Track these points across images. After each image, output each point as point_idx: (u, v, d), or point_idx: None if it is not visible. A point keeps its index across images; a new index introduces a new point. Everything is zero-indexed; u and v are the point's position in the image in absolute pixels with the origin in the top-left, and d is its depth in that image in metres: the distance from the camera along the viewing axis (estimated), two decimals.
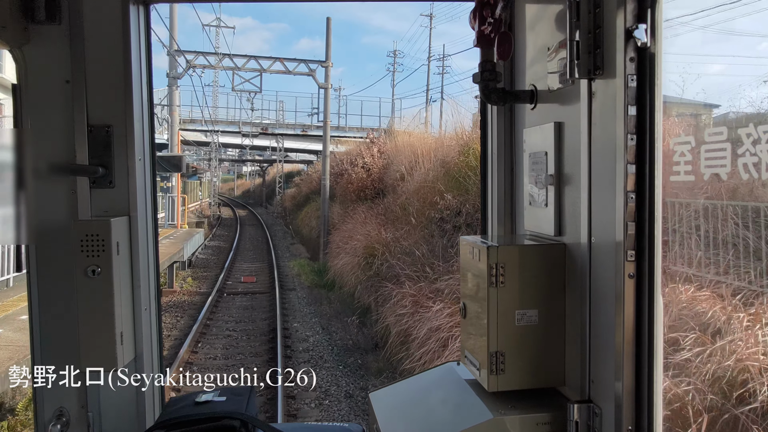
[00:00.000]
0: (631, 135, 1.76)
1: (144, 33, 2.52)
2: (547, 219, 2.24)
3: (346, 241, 20.32)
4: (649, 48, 1.73)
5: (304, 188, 45.09)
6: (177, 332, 14.93)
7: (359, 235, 19.31)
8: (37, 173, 2.38)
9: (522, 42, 2.49)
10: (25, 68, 2.37)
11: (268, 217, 54.54)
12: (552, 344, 2.12)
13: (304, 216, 37.49)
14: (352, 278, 17.47)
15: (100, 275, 2.31)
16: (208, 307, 17.20)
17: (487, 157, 2.75)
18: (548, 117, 2.25)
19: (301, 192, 45.64)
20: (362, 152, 27.73)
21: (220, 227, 44.45)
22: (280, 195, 56.41)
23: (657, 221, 1.76)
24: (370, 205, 22.97)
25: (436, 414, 2.38)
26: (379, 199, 22.93)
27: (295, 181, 54.02)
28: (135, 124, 2.44)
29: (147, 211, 2.53)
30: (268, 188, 69.60)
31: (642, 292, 1.78)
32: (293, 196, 49.01)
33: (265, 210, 63.72)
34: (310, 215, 35.70)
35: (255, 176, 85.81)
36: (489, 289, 2.08)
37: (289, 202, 49.60)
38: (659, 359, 1.77)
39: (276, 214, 53.94)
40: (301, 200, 43.31)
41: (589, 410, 1.95)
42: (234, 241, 34.82)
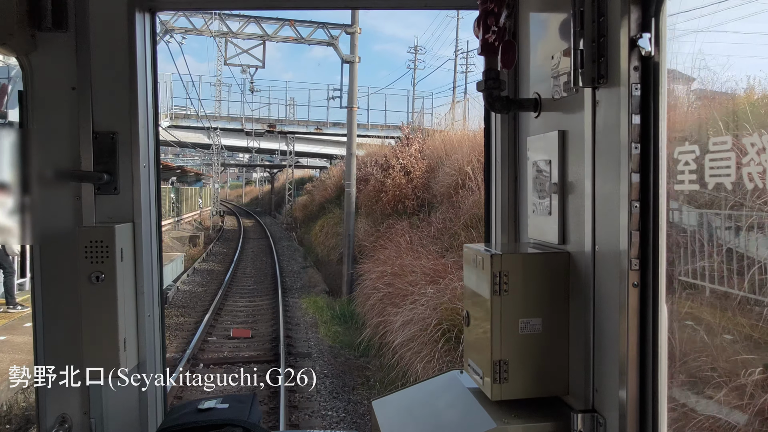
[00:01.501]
0: (635, 143, 1.75)
1: (150, 40, 2.53)
2: (550, 227, 2.24)
3: (390, 281, 13.40)
4: (653, 57, 1.74)
5: (317, 196, 39.43)
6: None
7: (417, 275, 12.24)
8: (43, 179, 2.39)
9: (526, 50, 2.49)
10: (31, 75, 2.39)
11: (275, 228, 47.77)
12: (556, 353, 2.11)
13: (318, 231, 30.96)
14: (418, 361, 9.91)
15: (103, 281, 2.32)
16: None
17: (491, 165, 2.75)
18: (552, 125, 2.25)
19: (314, 200, 40.14)
20: (396, 152, 21.99)
21: (219, 242, 37.87)
22: (290, 204, 50.42)
23: (662, 230, 1.75)
24: (415, 222, 17.04)
25: (438, 422, 2.36)
26: (425, 212, 17.23)
27: (307, 188, 48.81)
28: (140, 131, 2.45)
29: (151, 217, 2.54)
30: (277, 195, 64.72)
31: (646, 301, 1.77)
32: (305, 205, 43.37)
33: (273, 220, 57.68)
34: (326, 231, 29.04)
35: (264, 183, 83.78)
36: (492, 297, 2.07)
37: (300, 211, 43.75)
38: (664, 368, 1.76)
39: (285, 224, 47.41)
40: (314, 210, 37.61)
41: (593, 420, 1.94)
42: (232, 261, 28.25)
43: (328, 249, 26.24)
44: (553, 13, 2.26)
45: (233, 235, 42.04)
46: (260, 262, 29.40)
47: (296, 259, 30.51)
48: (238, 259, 29.62)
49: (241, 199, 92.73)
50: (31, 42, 2.35)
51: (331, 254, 25.07)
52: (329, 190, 36.23)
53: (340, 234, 23.91)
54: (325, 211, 32.19)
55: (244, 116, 42.72)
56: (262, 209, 71.83)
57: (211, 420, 2.23)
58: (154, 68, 2.58)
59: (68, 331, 2.42)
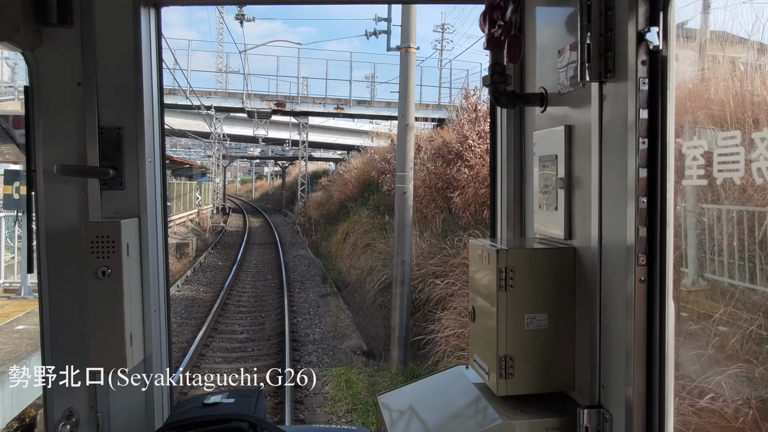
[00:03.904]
0: (642, 138, 1.74)
1: (155, 35, 2.54)
2: (556, 222, 2.23)
3: None
4: (661, 51, 1.72)
5: (336, 192, 32.57)
6: None
7: None
8: (48, 175, 2.40)
9: (532, 45, 2.47)
10: (37, 71, 2.40)
11: (285, 230, 39.43)
12: (562, 348, 2.10)
13: (341, 239, 23.80)
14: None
15: (110, 276, 2.33)
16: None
17: (497, 160, 2.74)
18: (558, 120, 2.24)
19: (331, 198, 33.32)
20: (465, 133, 15.76)
21: (215, 250, 29.28)
22: (303, 200, 42.89)
23: (669, 225, 1.74)
24: None
25: (444, 417, 2.36)
26: None
27: (322, 183, 41.97)
28: (145, 126, 2.45)
29: (157, 212, 2.55)
30: (289, 191, 58.65)
31: (653, 297, 1.76)
32: (320, 202, 36.24)
33: (283, 218, 49.87)
34: (354, 241, 21.42)
35: (275, 177, 79.03)
36: (498, 292, 2.06)
37: (315, 210, 36.46)
38: (671, 364, 1.76)
39: (297, 224, 39.53)
40: (332, 210, 30.80)
41: (599, 415, 1.94)
42: (223, 287, 19.23)
43: (360, 271, 18.48)
44: (559, 7, 2.25)
45: (235, 240, 33.84)
46: (263, 285, 20.88)
47: (312, 278, 21.50)
48: (233, 279, 20.96)
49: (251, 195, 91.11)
50: (36, 37, 2.36)
51: (366, 280, 17.14)
52: (350, 185, 29.94)
53: (378, 250, 17.72)
54: (347, 212, 25.83)
55: (246, 92, 34.25)
56: (272, 206, 66.77)
57: (218, 414, 2.24)
58: (160, 63, 2.58)
59: (75, 326, 2.44)
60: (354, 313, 16.10)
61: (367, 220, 21.63)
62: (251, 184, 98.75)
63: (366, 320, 15.02)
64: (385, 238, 18.74)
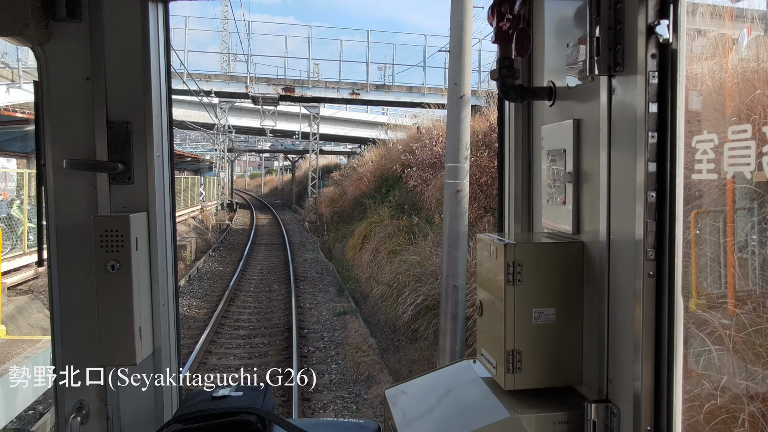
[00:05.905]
0: (651, 132, 1.73)
1: (163, 30, 2.54)
2: (565, 217, 2.22)
3: None
4: (671, 44, 1.71)
5: (350, 188, 29.89)
6: None
7: None
8: (58, 169, 2.42)
9: (540, 38, 2.46)
10: (46, 65, 2.41)
11: (295, 228, 37.03)
12: (569, 343, 2.10)
13: (358, 244, 20.55)
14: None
15: (119, 270, 2.34)
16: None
17: (505, 154, 2.73)
18: (567, 114, 2.23)
19: (345, 194, 30.42)
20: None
21: (217, 252, 26.91)
22: (314, 196, 39.24)
23: (678, 219, 1.73)
24: None
25: (451, 411, 2.36)
26: None
27: (334, 177, 39.34)
28: (154, 120, 2.46)
29: (165, 206, 2.56)
30: (299, 186, 55.71)
31: (662, 291, 1.76)
32: (333, 198, 33.16)
33: (293, 215, 47.56)
34: (374, 246, 18.19)
35: (285, 171, 75.40)
36: (506, 287, 2.06)
37: (327, 207, 33.14)
38: (679, 359, 1.75)
39: (308, 222, 36.81)
40: (347, 207, 28.04)
41: (607, 410, 1.93)
42: (222, 297, 17.12)
43: (385, 287, 14.97)
44: (568, 0, 2.23)
45: (240, 240, 31.27)
46: (267, 298, 18.07)
47: (326, 289, 18.68)
48: (232, 290, 18.29)
49: (260, 190, 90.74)
50: (45, 32, 2.37)
51: (396, 299, 13.57)
52: (365, 180, 27.20)
53: (409, 262, 14.46)
54: (364, 210, 22.90)
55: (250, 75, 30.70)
56: (282, 201, 64.89)
57: (227, 408, 2.25)
58: (168, 58, 2.59)
59: (84, 320, 2.45)
60: (379, 342, 12.83)
61: (390, 221, 18.82)
62: (260, 179, 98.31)
63: (397, 356, 11.65)
64: (414, 245, 15.64)
